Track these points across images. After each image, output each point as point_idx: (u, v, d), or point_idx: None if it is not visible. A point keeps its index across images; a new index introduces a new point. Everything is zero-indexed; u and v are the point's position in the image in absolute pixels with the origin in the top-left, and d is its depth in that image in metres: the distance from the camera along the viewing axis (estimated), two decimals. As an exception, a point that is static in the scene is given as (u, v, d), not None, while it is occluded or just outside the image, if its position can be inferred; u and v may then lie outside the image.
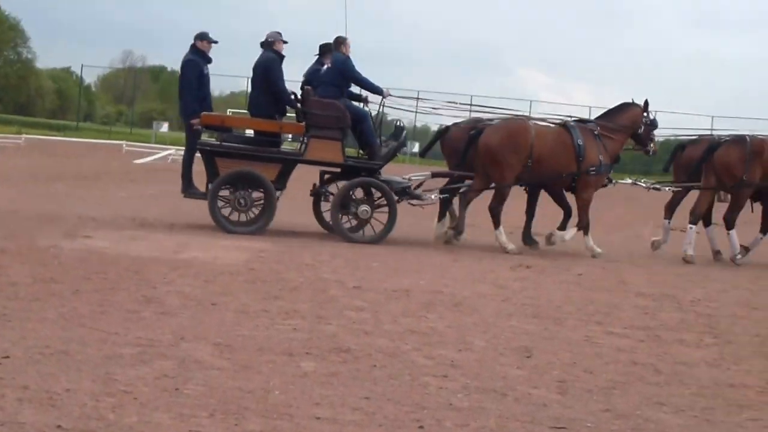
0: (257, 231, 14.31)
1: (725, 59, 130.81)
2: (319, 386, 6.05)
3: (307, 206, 16.07)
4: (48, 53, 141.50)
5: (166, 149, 44.59)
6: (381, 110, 15.46)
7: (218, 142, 14.86)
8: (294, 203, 17.61)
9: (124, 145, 47.78)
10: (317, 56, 15.66)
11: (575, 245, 15.39)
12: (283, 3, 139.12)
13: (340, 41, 15.13)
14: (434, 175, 15.93)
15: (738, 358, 7.99)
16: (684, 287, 12.22)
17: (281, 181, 14.67)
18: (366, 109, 15.27)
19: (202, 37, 15.43)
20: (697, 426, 5.83)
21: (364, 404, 5.74)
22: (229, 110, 61.07)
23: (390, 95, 15.26)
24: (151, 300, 8.53)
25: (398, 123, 15.93)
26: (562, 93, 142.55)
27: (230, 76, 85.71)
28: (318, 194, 15.80)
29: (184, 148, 15.70)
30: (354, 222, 14.94)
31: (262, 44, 15.19)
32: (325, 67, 15.22)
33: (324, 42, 15.59)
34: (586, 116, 18.07)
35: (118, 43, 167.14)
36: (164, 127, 69.24)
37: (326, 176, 15.78)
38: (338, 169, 15.30)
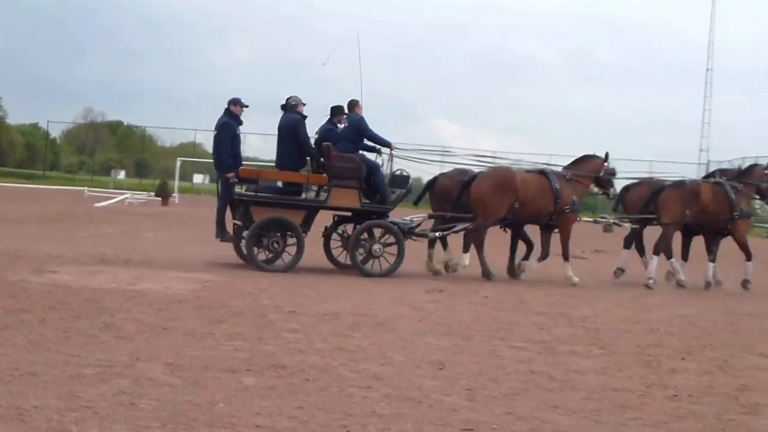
0: (289, 269, 14.48)
1: (610, 112, 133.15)
2: (259, 398, 6.04)
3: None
4: (17, 111, 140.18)
5: (123, 194, 44.22)
6: (391, 161, 15.76)
7: (253, 193, 14.97)
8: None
9: (85, 191, 47.17)
10: (329, 117, 15.82)
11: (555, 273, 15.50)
12: (231, 61, 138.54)
13: (353, 104, 15.52)
14: (430, 216, 16.27)
15: (621, 366, 8.09)
16: (575, 306, 12.35)
17: (307, 225, 14.98)
18: (378, 160, 15.60)
19: (236, 102, 15.39)
20: (587, 425, 5.89)
21: (298, 413, 5.74)
22: (179, 159, 61.00)
23: (397, 148, 15.62)
24: (110, 326, 8.45)
25: (403, 172, 16.07)
26: (472, 141, 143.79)
27: (181, 128, 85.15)
28: (329, 235, 16.17)
29: (217, 198, 15.72)
30: (363, 257, 15.17)
31: (284, 107, 15.40)
32: (342, 126, 15.51)
33: (335, 104, 15.79)
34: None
35: (81, 101, 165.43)
36: (121, 175, 68.70)
37: (336, 218, 16.14)
38: (349, 213, 15.65)
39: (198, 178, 70.14)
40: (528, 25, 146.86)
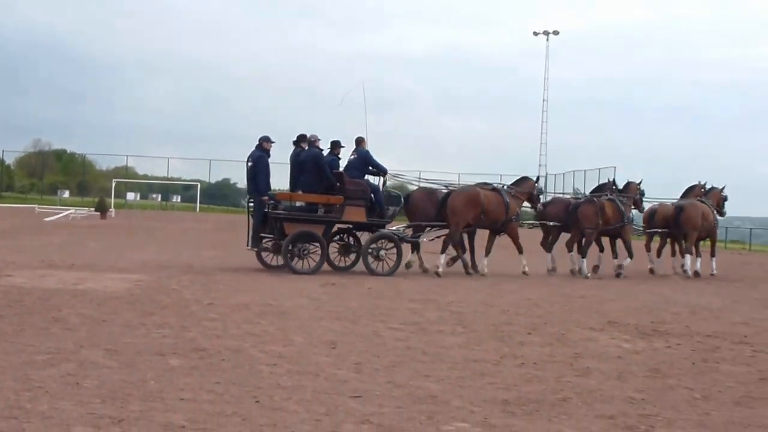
0: (315, 271, 14.78)
1: (465, 135, 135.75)
2: (183, 376, 5.90)
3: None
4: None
5: (68, 210, 43.10)
6: (386, 184, 16.41)
7: (286, 212, 15.22)
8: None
9: (36, 208, 45.88)
10: (330, 149, 16.04)
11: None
12: (157, 98, 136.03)
13: (361, 140, 16.03)
14: (408, 226, 17.01)
15: (480, 341, 8.14)
16: (442, 293, 12.41)
17: (326, 236, 15.35)
18: (377, 183, 16.17)
19: (267, 139, 15.60)
20: (453, 390, 5.89)
21: (216, 388, 5.62)
22: (114, 180, 59.56)
23: (390, 173, 16.43)
24: (58, 320, 8.18)
25: (394, 193, 16.94)
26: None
27: (116, 155, 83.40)
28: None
29: (250, 216, 15.74)
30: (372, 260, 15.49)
31: (297, 142, 15.69)
32: (353, 157, 16.00)
33: (335, 140, 16.19)
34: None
35: (31, 133, 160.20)
36: (66, 194, 67.10)
37: (338, 230, 16.21)
38: (350, 226, 16.04)
39: (130, 196, 69.22)
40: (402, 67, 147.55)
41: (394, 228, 16.67)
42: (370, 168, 16.07)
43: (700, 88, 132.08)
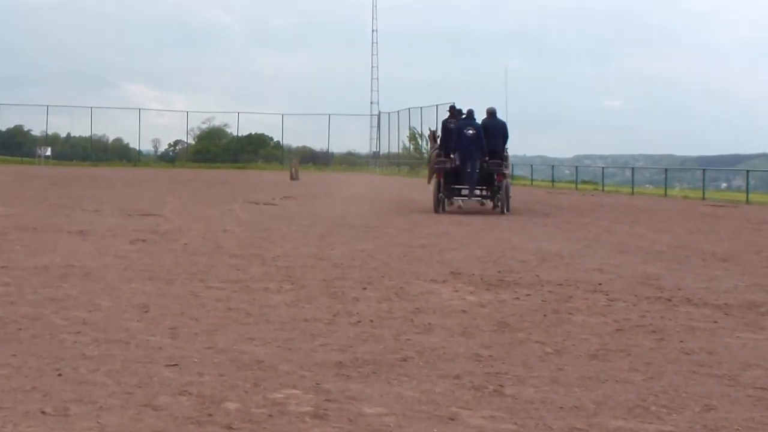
0: None
1: (285, 71, 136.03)
2: (-32, 351, 5.77)
3: None
4: None
5: None
6: None
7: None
8: None
9: None
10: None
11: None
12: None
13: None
14: None
15: (310, 298, 8.28)
16: (267, 247, 12.50)
17: None
18: None
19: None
20: (281, 353, 5.99)
21: (12, 360, 5.53)
22: None
23: None
24: None
25: None
26: (165, 102, 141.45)
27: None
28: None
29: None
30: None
31: (471, 113, 22.24)
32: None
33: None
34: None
35: None
36: None
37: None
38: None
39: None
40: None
41: None
42: None
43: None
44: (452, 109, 23.40)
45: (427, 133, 30.18)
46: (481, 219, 19.52)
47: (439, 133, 23.32)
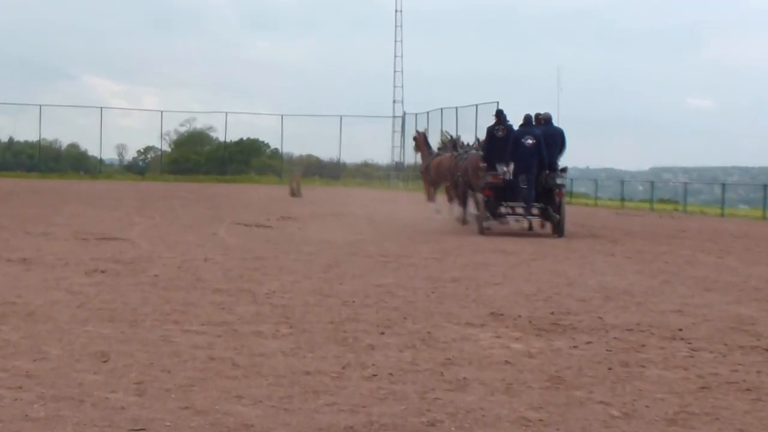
0: None
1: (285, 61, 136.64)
2: None
3: None
4: None
5: None
6: None
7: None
8: None
9: None
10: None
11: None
12: None
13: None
14: None
15: (313, 345, 8.25)
16: (260, 281, 12.50)
17: None
18: None
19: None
20: (276, 415, 5.95)
21: (-69, 424, 5.53)
22: None
23: None
24: None
25: None
26: (133, 99, 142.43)
27: None
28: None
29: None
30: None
31: (533, 119, 23.79)
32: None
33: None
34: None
35: None
36: None
37: None
38: None
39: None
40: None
41: None
42: None
43: None
44: (499, 114, 24.45)
45: (441, 138, 31.47)
46: (529, 246, 19.48)
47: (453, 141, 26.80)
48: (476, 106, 55.94)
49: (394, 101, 77.39)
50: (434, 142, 32.38)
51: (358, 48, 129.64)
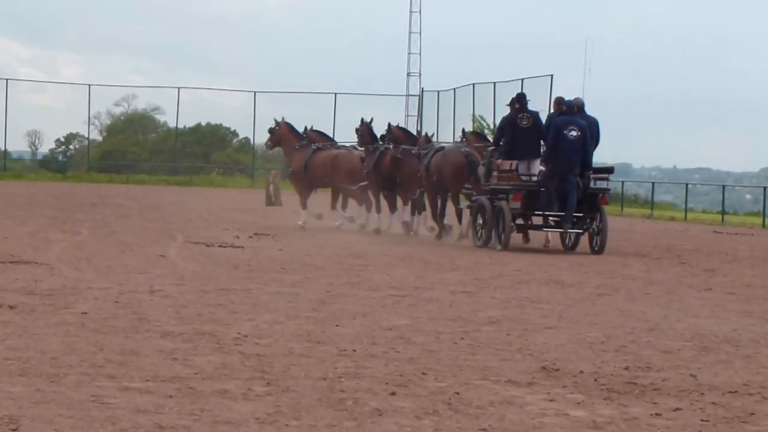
0: None
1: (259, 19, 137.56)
2: None
3: None
4: None
5: None
6: None
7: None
8: None
9: None
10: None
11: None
12: None
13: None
14: None
15: (299, 410, 8.25)
16: (226, 321, 12.55)
17: None
18: None
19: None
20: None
21: None
22: None
23: None
24: None
25: None
26: (48, 68, 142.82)
27: None
28: None
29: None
30: None
31: (573, 106, 24.69)
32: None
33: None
34: None
35: None
36: None
37: None
38: None
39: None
40: None
41: None
42: None
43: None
44: (522, 98, 25.80)
45: (474, 125, 33.61)
46: (594, 276, 19.46)
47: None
48: (521, 80, 56.09)
49: (408, 74, 77.87)
50: (466, 127, 34.23)
51: (360, 1, 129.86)
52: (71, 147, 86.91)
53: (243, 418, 7.97)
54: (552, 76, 51.51)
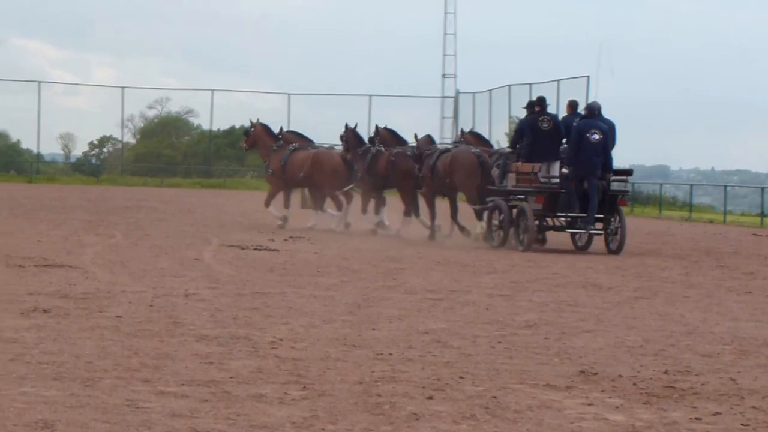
0: None
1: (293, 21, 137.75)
2: None
3: None
4: None
5: None
6: None
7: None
8: None
9: None
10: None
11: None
12: None
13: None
14: None
15: (335, 414, 8.26)
16: (261, 325, 12.55)
17: None
18: None
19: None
20: None
21: None
22: None
23: None
24: None
25: None
26: (81, 71, 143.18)
27: None
28: None
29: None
30: None
31: (594, 109, 25.48)
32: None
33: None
34: None
35: None
36: None
37: None
38: None
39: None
40: None
41: None
42: None
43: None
44: (543, 102, 26.67)
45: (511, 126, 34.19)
46: (632, 279, 19.43)
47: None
48: (557, 81, 56.05)
49: (443, 76, 77.60)
50: (501, 129, 34.86)
51: (394, 3, 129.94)
52: (105, 150, 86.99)
53: (279, 423, 7.98)
54: (588, 77, 51.46)
